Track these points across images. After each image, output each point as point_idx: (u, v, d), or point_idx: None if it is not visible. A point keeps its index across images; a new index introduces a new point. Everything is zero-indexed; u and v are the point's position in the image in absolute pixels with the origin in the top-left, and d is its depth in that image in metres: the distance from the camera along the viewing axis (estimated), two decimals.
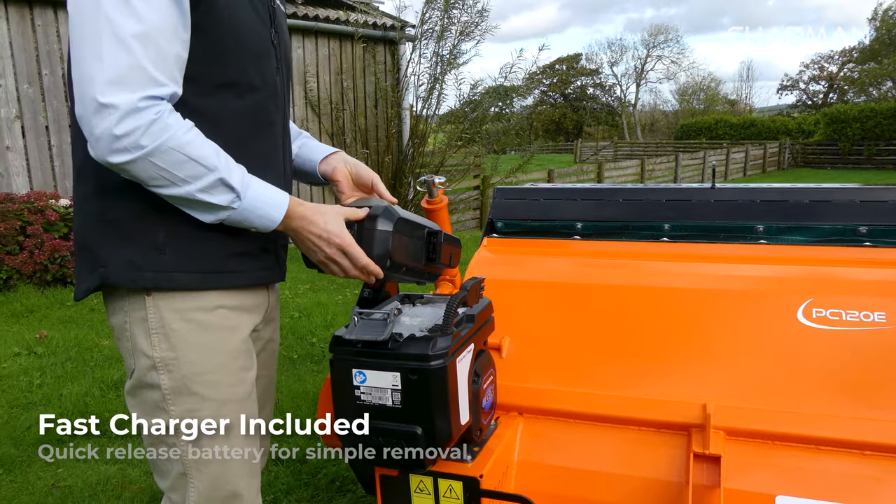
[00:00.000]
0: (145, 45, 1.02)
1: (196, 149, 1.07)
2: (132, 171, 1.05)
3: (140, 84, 1.02)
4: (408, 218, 1.32)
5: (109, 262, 1.15)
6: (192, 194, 1.08)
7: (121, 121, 1.00)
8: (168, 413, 1.19)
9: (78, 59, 1.03)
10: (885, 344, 1.63)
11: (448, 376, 1.30)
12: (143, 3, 1.02)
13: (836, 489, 1.44)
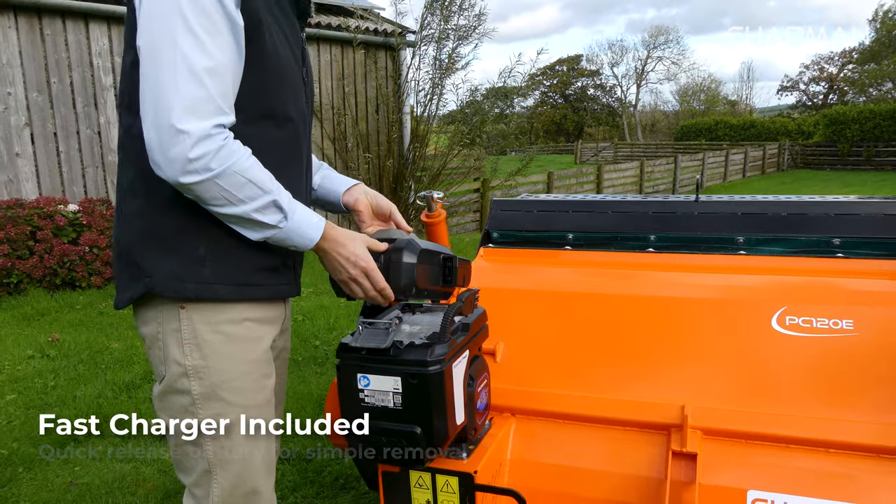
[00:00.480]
0: (214, 79, 1.15)
1: (255, 173, 1.20)
2: (198, 190, 1.18)
3: (211, 113, 1.15)
4: (427, 248, 1.46)
5: (154, 273, 1.27)
6: (248, 213, 1.21)
7: (195, 145, 1.13)
8: (197, 416, 1.32)
9: (152, 88, 1.14)
10: (851, 349, 1.74)
11: (445, 380, 1.42)
12: (212, 42, 1.15)
13: (804, 484, 1.56)
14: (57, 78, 6.27)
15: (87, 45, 6.43)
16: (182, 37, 1.13)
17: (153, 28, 1.15)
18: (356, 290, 1.37)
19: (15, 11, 5.91)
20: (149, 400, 3.40)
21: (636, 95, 51.49)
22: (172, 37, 1.13)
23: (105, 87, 6.61)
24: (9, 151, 6.03)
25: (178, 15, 1.13)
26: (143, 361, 3.97)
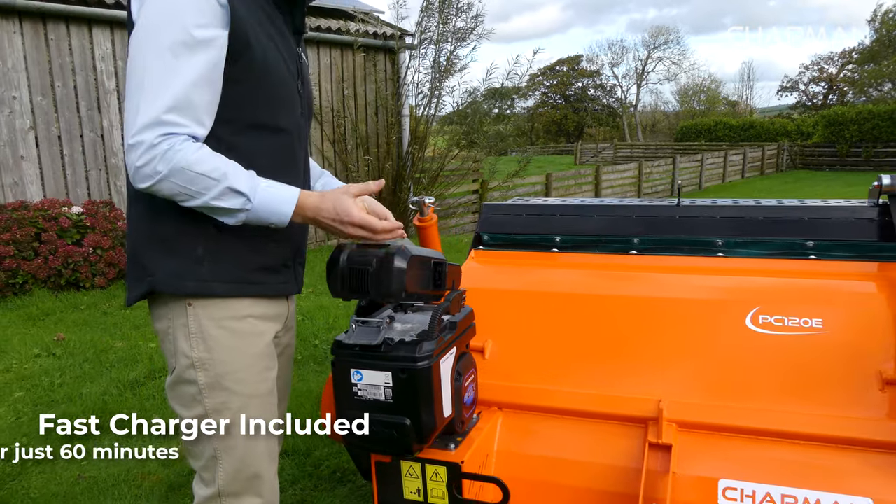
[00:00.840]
0: (175, 97, 1.26)
1: (202, 165, 1.28)
2: (159, 191, 1.29)
3: (162, 127, 1.25)
4: (418, 254, 1.55)
5: (157, 272, 1.38)
6: (208, 203, 1.29)
7: (141, 155, 1.25)
8: (203, 405, 1.42)
9: (126, 108, 1.28)
10: (819, 347, 1.84)
11: (432, 375, 1.52)
12: (180, 63, 1.26)
13: (771, 473, 1.66)
14: (61, 82, 6.38)
15: (90, 49, 6.54)
16: (149, 58, 1.25)
17: (132, 50, 1.28)
18: (365, 231, 1.41)
19: (20, 17, 6.01)
20: (153, 397, 3.51)
21: (636, 96, 51.56)
22: (143, 58, 1.26)
23: (108, 90, 6.72)
24: (14, 154, 6.13)
25: (150, 35, 1.25)
26: (147, 360, 4.07)
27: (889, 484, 1.59)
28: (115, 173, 6.87)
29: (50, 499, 2.54)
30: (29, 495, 2.56)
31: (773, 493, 1.64)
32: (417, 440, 1.55)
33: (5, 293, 5.54)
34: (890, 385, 1.73)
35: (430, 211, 2.16)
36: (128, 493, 2.58)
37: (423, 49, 9.31)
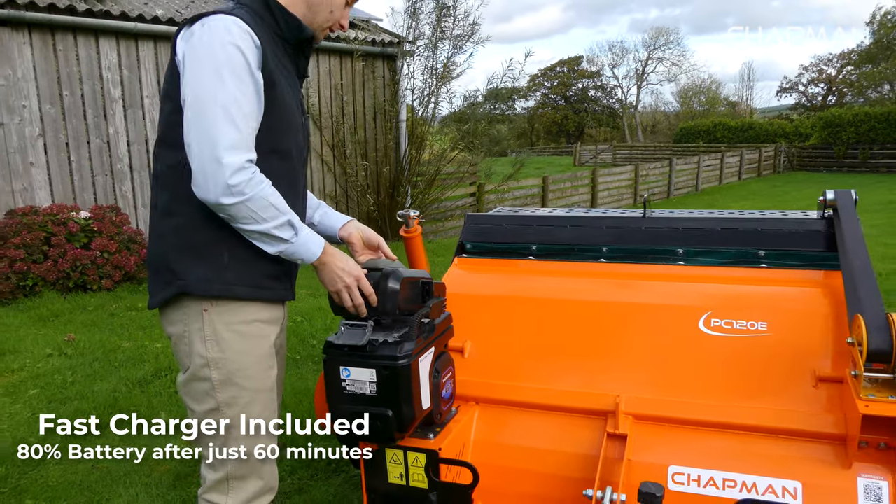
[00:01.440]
0: (245, 125, 1.49)
1: (275, 199, 1.54)
2: (233, 210, 1.50)
3: (244, 150, 1.49)
4: (409, 276, 1.78)
5: (187, 276, 1.59)
6: (269, 230, 1.54)
7: (233, 175, 1.46)
8: (215, 399, 1.64)
9: (199, 132, 1.47)
10: (763, 347, 2.05)
11: (412, 372, 1.73)
12: (243, 96, 1.49)
13: (715, 460, 1.87)
14: (69, 91, 6.59)
15: (97, 59, 6.76)
16: (220, 92, 1.46)
17: (198, 85, 1.48)
18: (346, 298, 1.69)
19: (29, 29, 6.23)
20: (159, 394, 3.72)
21: (637, 96, 51.72)
22: (214, 93, 1.46)
23: (114, 98, 6.93)
24: (24, 161, 6.35)
25: (217, 75, 1.46)
26: (153, 359, 4.29)
27: (816, 469, 1.80)
28: (121, 179, 7.08)
29: (67, 487, 2.75)
30: (48, 484, 2.78)
31: (715, 477, 1.85)
32: (399, 429, 1.76)
33: (16, 295, 5.76)
34: (822, 381, 1.93)
35: (414, 223, 2.38)
36: (138, 481, 2.79)
37: (418, 56, 9.53)
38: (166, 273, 1.61)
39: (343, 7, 1.72)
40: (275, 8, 1.63)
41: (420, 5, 9.49)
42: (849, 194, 2.37)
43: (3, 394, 3.77)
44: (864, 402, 1.68)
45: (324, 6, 1.68)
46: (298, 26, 1.66)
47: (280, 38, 1.65)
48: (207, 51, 1.47)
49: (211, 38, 1.48)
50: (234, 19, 1.50)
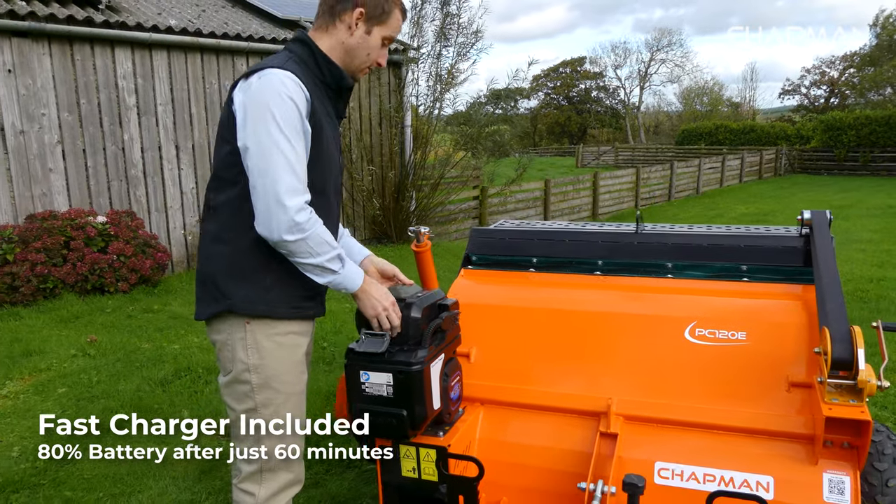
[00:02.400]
0: (301, 170, 1.71)
1: (328, 236, 1.76)
2: (293, 246, 1.71)
3: (301, 193, 1.71)
4: (428, 303, 2.01)
5: (234, 296, 1.80)
6: (322, 263, 1.76)
7: (295, 214, 1.68)
8: (254, 400, 1.85)
9: (263, 176, 1.67)
10: (742, 355, 2.25)
11: (424, 376, 1.94)
12: (297, 144, 1.70)
13: (697, 457, 2.07)
14: (86, 99, 6.81)
15: (112, 68, 6.97)
16: (280, 141, 1.67)
17: (260, 135, 1.67)
18: (383, 322, 1.91)
19: (49, 40, 6.45)
20: (180, 393, 3.94)
21: (639, 97, 51.85)
22: (275, 141, 1.67)
23: (129, 106, 7.15)
24: (43, 167, 6.57)
25: (276, 126, 1.67)
26: (172, 360, 4.50)
27: (787, 466, 2.01)
28: (135, 184, 7.30)
29: (101, 480, 2.96)
30: (83, 476, 2.99)
31: (697, 472, 2.06)
32: (412, 427, 1.97)
33: (36, 297, 5.98)
34: (794, 387, 2.14)
35: (425, 238, 2.59)
36: (166, 474, 3.00)
37: (422, 63, 9.72)
38: (214, 291, 1.83)
39: (379, 48, 1.91)
40: (319, 57, 1.83)
41: (424, 13, 9.70)
42: (823, 214, 2.56)
43: (34, 392, 3.99)
44: (828, 405, 1.89)
45: (361, 50, 1.87)
46: (340, 75, 1.87)
47: (323, 84, 1.85)
48: (265, 104, 1.67)
49: (268, 91, 1.68)
50: (287, 73, 1.70)
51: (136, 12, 7.36)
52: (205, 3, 8.91)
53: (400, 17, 1.93)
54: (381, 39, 1.90)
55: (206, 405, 3.73)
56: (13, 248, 5.94)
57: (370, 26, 1.86)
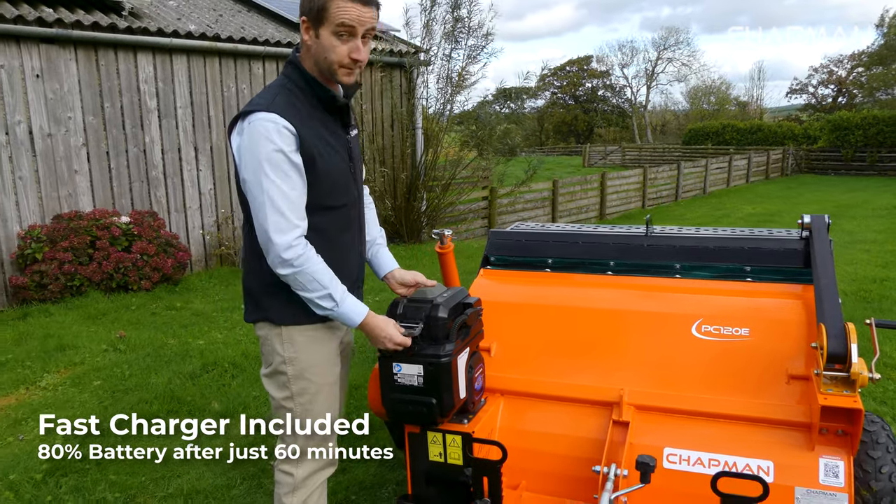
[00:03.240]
0: (289, 207, 1.86)
1: (319, 275, 1.90)
2: (285, 278, 1.90)
3: (290, 230, 1.86)
4: (453, 302, 2.18)
5: (268, 309, 2.00)
6: (312, 299, 1.92)
7: (284, 251, 1.85)
8: (290, 389, 2.04)
9: (255, 214, 1.87)
10: (745, 350, 2.42)
11: (452, 368, 2.12)
12: (284, 183, 1.85)
13: (702, 443, 2.24)
14: (109, 103, 7.02)
15: (135, 73, 7.18)
16: (265, 184, 1.84)
17: (249, 180, 1.86)
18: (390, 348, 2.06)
19: (75, 46, 6.66)
20: (209, 386, 4.13)
21: (646, 96, 51.84)
22: (261, 184, 1.84)
23: (150, 109, 7.36)
24: (69, 169, 6.79)
25: (263, 172, 1.83)
26: (198, 355, 4.69)
27: (786, 451, 2.18)
28: (156, 185, 7.51)
29: (142, 464, 3.14)
30: (126, 460, 3.18)
31: (702, 457, 2.23)
32: (441, 414, 2.15)
33: (64, 294, 6.19)
34: (793, 379, 2.30)
35: (448, 241, 2.77)
36: (201, 461, 3.18)
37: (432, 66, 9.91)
38: (254, 301, 2.04)
39: (338, 46, 1.86)
40: (308, 78, 1.94)
41: (434, 16, 9.88)
42: (822, 219, 2.73)
43: (71, 384, 4.20)
44: (824, 395, 2.06)
45: (320, 55, 1.88)
46: (330, 95, 1.97)
47: (319, 103, 1.97)
48: (252, 152, 1.83)
49: (254, 138, 1.82)
50: (269, 116, 1.82)
51: (157, 18, 7.56)
52: (222, 8, 9.11)
53: (345, 4, 1.82)
54: (332, 37, 1.86)
55: (234, 398, 3.92)
56: (42, 247, 6.16)
57: (315, 29, 1.87)
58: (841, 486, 2.07)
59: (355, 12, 1.84)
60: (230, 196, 8.21)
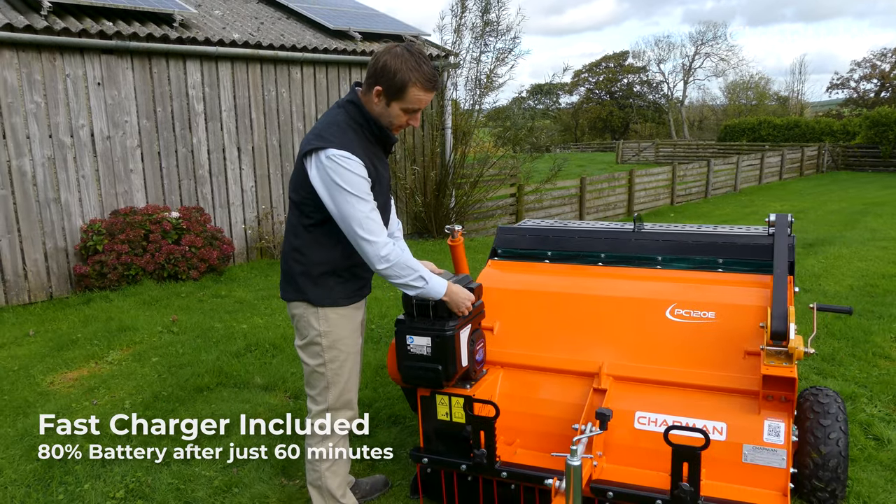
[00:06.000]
0: (375, 219, 2.32)
1: (410, 261, 2.39)
2: (384, 272, 2.36)
3: (381, 231, 2.33)
4: (466, 284, 2.65)
5: (307, 293, 2.46)
6: (408, 282, 2.40)
7: (381, 248, 2.31)
8: (323, 357, 2.50)
9: (349, 230, 2.30)
10: (710, 331, 2.81)
11: (455, 340, 2.57)
12: (369, 196, 2.31)
13: (668, 408, 2.64)
14: (161, 107, 7.63)
15: (184, 79, 7.78)
16: (356, 203, 2.27)
17: (338, 204, 2.27)
18: (464, 312, 2.55)
19: (131, 56, 7.28)
20: (253, 363, 4.64)
21: (683, 92, 51.36)
22: (352, 205, 2.27)
23: (197, 112, 7.95)
24: (125, 168, 7.42)
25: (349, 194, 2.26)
26: (242, 337, 5.22)
27: (738, 415, 2.56)
28: (202, 183, 8.11)
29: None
30: (180, 430, 3.70)
31: (668, 419, 2.62)
32: (445, 378, 2.60)
33: (121, 283, 6.82)
34: (749, 355, 2.69)
35: (458, 235, 3.22)
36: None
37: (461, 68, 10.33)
38: (294, 284, 2.49)
39: (401, 116, 2.36)
40: (369, 118, 2.40)
41: (465, 21, 10.30)
42: (785, 217, 3.09)
43: (133, 360, 4.76)
44: (766, 366, 2.45)
45: (384, 118, 2.38)
46: (386, 136, 2.44)
47: (374, 137, 2.43)
48: (336, 183, 2.25)
49: (338, 171, 2.25)
50: (345, 154, 2.25)
51: (204, 27, 8.15)
52: (263, 16, 9.68)
53: (420, 93, 2.30)
54: (400, 111, 2.34)
55: (274, 373, 4.43)
56: (102, 239, 6.79)
57: (388, 100, 2.33)
58: (781, 444, 2.46)
59: (425, 99, 2.35)
60: (270, 193, 8.78)
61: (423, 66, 2.29)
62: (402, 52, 2.29)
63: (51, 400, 4.09)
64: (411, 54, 2.29)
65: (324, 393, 2.57)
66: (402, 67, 2.27)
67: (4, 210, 6.66)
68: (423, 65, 2.29)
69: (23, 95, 6.64)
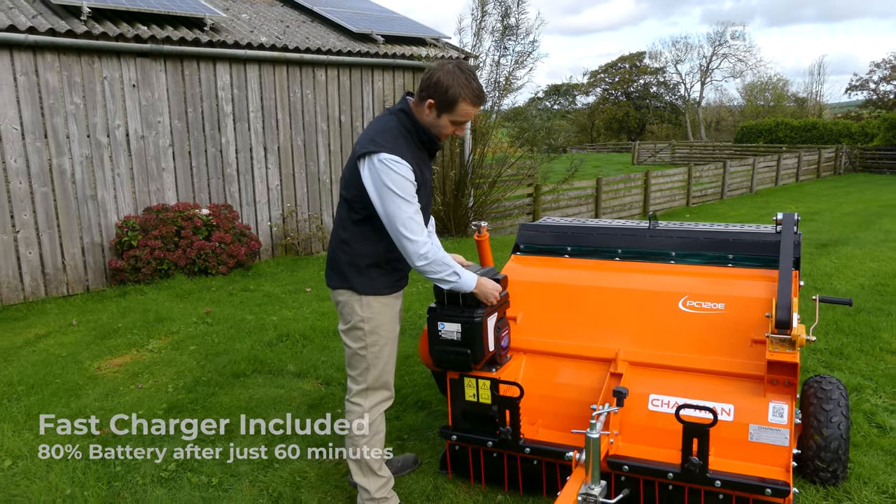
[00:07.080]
0: (418, 219, 2.53)
1: (446, 258, 2.62)
2: (422, 268, 2.59)
3: (421, 231, 2.55)
4: (493, 276, 2.88)
5: (353, 282, 2.69)
6: (443, 277, 2.62)
7: (421, 247, 2.53)
8: (365, 341, 2.73)
9: (394, 230, 2.50)
10: (720, 321, 3.01)
11: (483, 326, 2.79)
12: (414, 198, 2.53)
13: (680, 391, 2.85)
14: (192, 108, 7.93)
15: (214, 81, 8.07)
16: (402, 205, 2.49)
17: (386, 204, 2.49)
18: (491, 302, 2.78)
19: (165, 59, 7.58)
20: (284, 352, 4.90)
21: (700, 93, 51.20)
22: (398, 206, 2.49)
23: (226, 114, 8.24)
24: (157, 167, 7.72)
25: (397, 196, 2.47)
26: (272, 328, 5.48)
27: (745, 397, 2.77)
28: (230, 181, 8.40)
29: (236, 409, 3.92)
30: (223, 405, 3.97)
31: (679, 401, 2.82)
32: (473, 362, 2.82)
33: (154, 277, 7.11)
34: (755, 343, 2.89)
35: (484, 231, 3.45)
36: (284, 407, 3.95)
37: (480, 70, 10.54)
38: (341, 273, 2.72)
39: (449, 127, 2.58)
40: (418, 126, 2.63)
41: (485, 25, 10.53)
42: (791, 216, 3.29)
43: (171, 349, 5.04)
44: (771, 353, 2.65)
45: (434, 128, 2.61)
46: (433, 141, 2.67)
47: (421, 143, 2.65)
48: (386, 185, 2.46)
49: (388, 174, 2.45)
50: (396, 159, 2.46)
51: (233, 31, 8.44)
52: (289, 20, 9.96)
53: (468, 107, 2.53)
54: (449, 122, 2.57)
55: (306, 361, 4.68)
56: (136, 235, 7.09)
57: (439, 112, 2.55)
58: (784, 424, 2.66)
59: (472, 113, 2.59)
60: (294, 192, 9.06)
61: (473, 83, 2.52)
62: (453, 69, 2.51)
63: (99, 384, 4.36)
64: (462, 72, 2.50)
65: (364, 374, 2.80)
66: (454, 84, 2.49)
67: (45, 206, 6.98)
68: (472, 82, 2.51)
69: (63, 97, 6.96)
